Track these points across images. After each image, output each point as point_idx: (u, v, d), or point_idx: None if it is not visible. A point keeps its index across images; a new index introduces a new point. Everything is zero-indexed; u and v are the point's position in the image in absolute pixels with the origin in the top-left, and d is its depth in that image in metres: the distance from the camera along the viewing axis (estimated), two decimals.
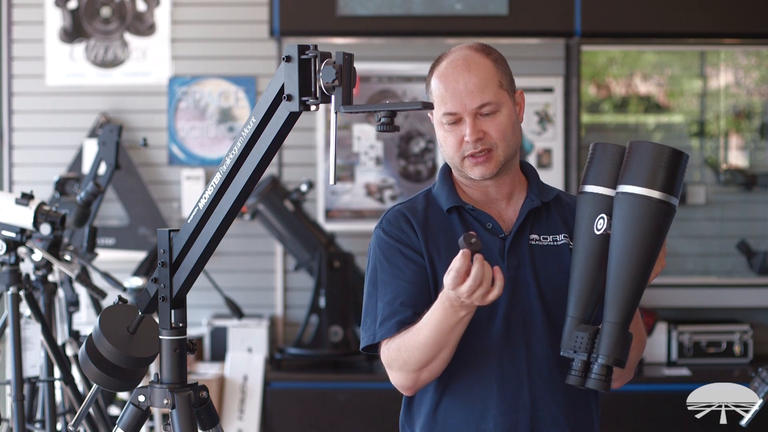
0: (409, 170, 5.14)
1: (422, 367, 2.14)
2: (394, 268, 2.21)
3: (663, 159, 1.97)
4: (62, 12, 5.13)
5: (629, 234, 1.97)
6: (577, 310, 2.05)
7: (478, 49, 2.23)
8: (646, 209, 1.96)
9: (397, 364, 2.16)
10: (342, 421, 4.59)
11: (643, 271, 1.99)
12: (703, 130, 5.46)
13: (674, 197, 1.98)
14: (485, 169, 2.20)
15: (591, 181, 2.08)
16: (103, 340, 2.05)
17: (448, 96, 2.18)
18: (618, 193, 2.00)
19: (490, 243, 2.21)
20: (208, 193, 1.92)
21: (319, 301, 4.74)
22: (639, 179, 1.97)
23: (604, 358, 1.99)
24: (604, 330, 2.00)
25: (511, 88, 2.24)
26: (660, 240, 1.99)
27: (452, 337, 2.08)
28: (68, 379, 3.45)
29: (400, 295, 2.19)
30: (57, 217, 3.26)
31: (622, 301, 1.99)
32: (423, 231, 2.23)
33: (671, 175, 1.97)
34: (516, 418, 2.17)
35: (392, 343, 2.17)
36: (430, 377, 2.16)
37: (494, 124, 2.18)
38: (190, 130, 5.14)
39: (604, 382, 2.00)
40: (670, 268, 5.28)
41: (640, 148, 1.99)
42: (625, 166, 2.00)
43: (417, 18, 4.80)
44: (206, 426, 2.07)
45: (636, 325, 2.14)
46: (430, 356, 2.11)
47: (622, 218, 1.98)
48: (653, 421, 4.56)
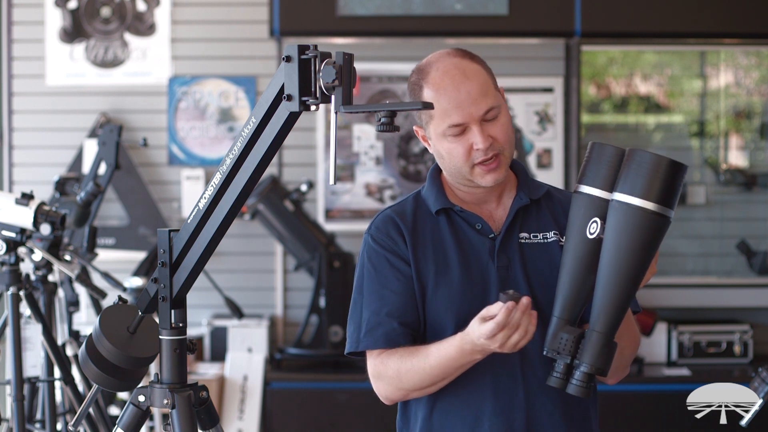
0: (409, 170, 5.14)
1: (417, 389, 2.17)
2: (381, 277, 2.21)
3: (661, 170, 1.94)
4: (62, 12, 5.13)
5: (622, 244, 1.95)
6: (564, 311, 2.04)
7: (463, 55, 2.20)
8: (641, 220, 1.94)
9: (388, 378, 2.18)
10: (342, 421, 4.59)
11: (633, 281, 1.97)
12: (703, 130, 5.46)
13: (670, 209, 1.96)
14: (498, 174, 2.18)
15: (587, 181, 2.05)
16: (103, 340, 2.05)
17: (451, 107, 2.15)
18: (613, 200, 1.98)
19: (479, 244, 2.21)
20: (208, 193, 1.92)
21: (319, 301, 4.74)
22: (635, 189, 1.94)
23: (587, 366, 1.99)
24: (590, 338, 1.99)
25: (497, 87, 2.23)
26: (652, 251, 1.97)
27: (458, 372, 2.12)
28: (68, 379, 3.44)
29: (385, 305, 2.19)
30: (57, 217, 3.26)
31: (610, 310, 1.98)
32: (411, 236, 2.22)
33: (669, 187, 1.94)
34: (511, 418, 2.17)
35: (384, 357, 2.18)
36: (419, 396, 2.20)
37: (499, 127, 2.17)
38: (190, 130, 5.14)
39: (584, 389, 2.00)
40: (670, 268, 5.30)
41: (638, 158, 1.96)
42: (623, 174, 1.98)
43: (417, 18, 4.80)
44: (206, 426, 2.07)
45: (627, 323, 2.12)
46: (430, 383, 2.14)
47: (615, 227, 1.96)
48: (653, 421, 4.56)
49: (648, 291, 4.89)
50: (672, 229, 2.03)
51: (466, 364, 2.09)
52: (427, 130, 2.22)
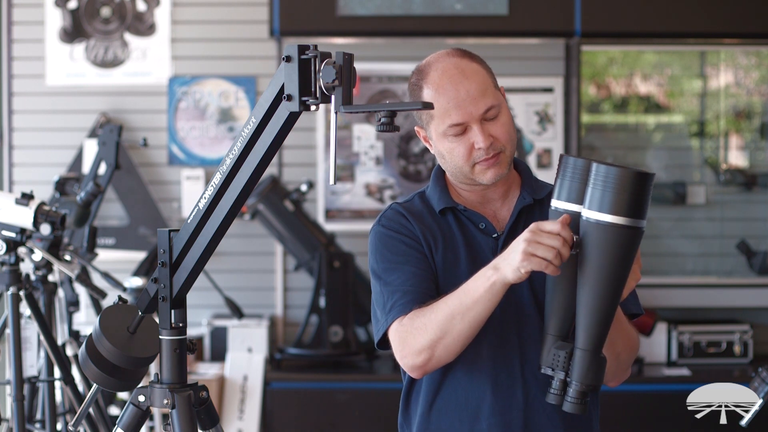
0: (409, 170, 5.14)
1: (439, 338, 2.06)
2: (397, 256, 2.19)
3: (628, 184, 1.88)
4: (62, 12, 5.13)
5: (597, 261, 1.92)
6: (555, 328, 2.02)
7: (462, 55, 2.21)
8: (614, 236, 1.90)
9: (412, 336, 2.09)
10: (342, 421, 4.59)
11: (612, 296, 1.94)
12: (703, 130, 5.46)
13: (642, 220, 1.91)
14: (498, 170, 2.18)
15: (559, 196, 2.00)
16: (103, 340, 2.05)
17: (451, 107, 2.15)
18: (584, 218, 1.93)
19: (483, 243, 2.21)
20: (208, 193, 1.92)
21: (319, 301, 4.74)
22: (604, 206, 1.90)
23: (578, 385, 1.97)
24: (576, 356, 1.97)
25: (497, 86, 2.23)
26: (628, 263, 1.94)
27: (475, 310, 2.02)
28: (68, 379, 3.44)
29: (408, 279, 2.16)
30: (57, 217, 3.26)
31: (593, 327, 1.95)
32: (421, 228, 2.23)
33: (638, 199, 1.89)
34: (509, 417, 2.17)
35: (406, 319, 2.12)
36: (444, 355, 2.08)
37: (499, 126, 2.17)
38: (190, 130, 5.14)
39: (580, 406, 1.97)
40: (670, 268, 5.30)
41: (604, 173, 1.90)
42: (590, 190, 1.92)
43: (417, 18, 4.80)
44: (206, 426, 2.07)
45: (620, 328, 2.10)
46: (449, 324, 2.05)
47: (588, 244, 1.92)
48: (653, 421, 4.56)
49: (648, 291, 4.89)
50: (672, 229, 2.03)
51: (483, 292, 2.01)
52: (428, 131, 2.22)
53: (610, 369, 2.09)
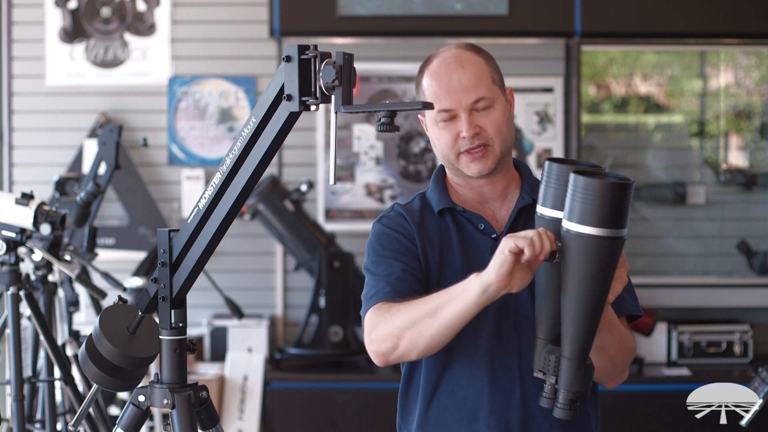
0: (409, 170, 5.14)
1: (407, 328, 2.04)
2: (389, 251, 2.21)
3: (607, 196, 1.85)
4: (62, 12, 5.13)
5: (578, 272, 1.90)
6: (545, 332, 2.01)
7: (468, 48, 2.26)
8: (595, 248, 1.87)
9: (383, 322, 2.08)
10: (342, 421, 4.59)
11: (595, 305, 1.92)
12: (703, 130, 5.45)
13: (623, 229, 1.89)
14: (483, 164, 2.20)
15: (543, 202, 1.99)
16: (103, 340, 2.05)
17: (442, 93, 2.19)
18: (565, 228, 1.91)
19: (482, 243, 2.22)
20: (208, 193, 1.92)
21: (319, 301, 4.74)
22: (585, 218, 1.87)
23: (565, 393, 1.96)
24: (562, 365, 1.96)
25: (502, 85, 2.26)
26: (611, 272, 1.92)
27: (449, 310, 2.00)
28: (68, 379, 3.45)
29: (395, 272, 2.18)
30: (57, 217, 3.26)
31: (577, 336, 1.93)
32: (419, 230, 2.24)
33: (618, 209, 1.87)
34: (508, 416, 2.17)
35: (384, 306, 2.11)
36: (408, 348, 2.06)
37: (489, 119, 2.20)
38: (190, 130, 5.14)
39: (569, 412, 1.96)
40: (670, 268, 5.30)
41: (582, 185, 1.87)
42: (570, 201, 1.90)
43: (417, 18, 4.80)
44: (206, 426, 2.07)
45: (612, 331, 2.09)
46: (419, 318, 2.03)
47: (569, 255, 1.91)
48: (653, 421, 4.56)
49: (648, 291, 4.89)
50: (672, 229, 2.03)
51: (461, 294, 1.98)
52: (426, 116, 2.26)
53: (606, 372, 2.09)
